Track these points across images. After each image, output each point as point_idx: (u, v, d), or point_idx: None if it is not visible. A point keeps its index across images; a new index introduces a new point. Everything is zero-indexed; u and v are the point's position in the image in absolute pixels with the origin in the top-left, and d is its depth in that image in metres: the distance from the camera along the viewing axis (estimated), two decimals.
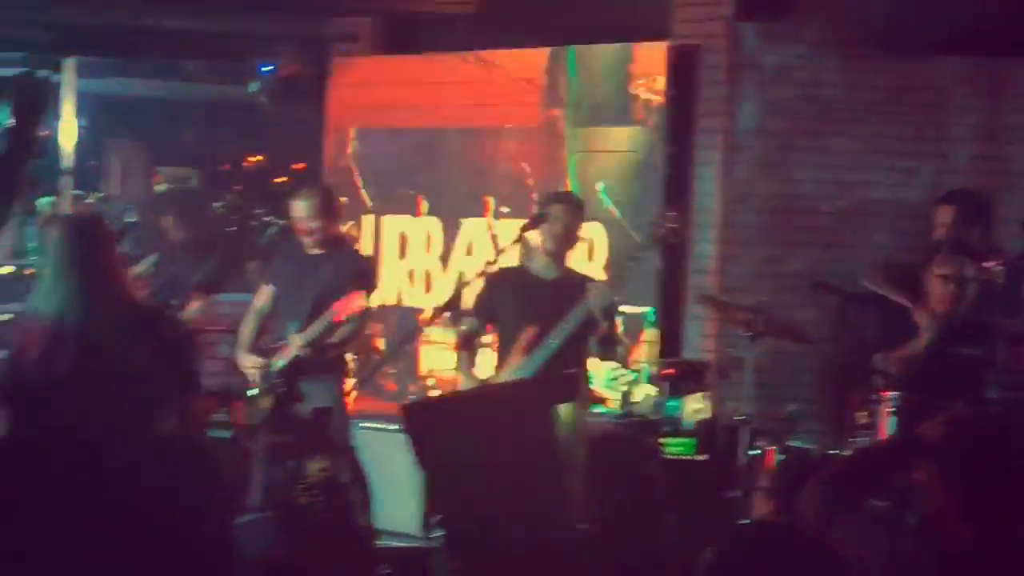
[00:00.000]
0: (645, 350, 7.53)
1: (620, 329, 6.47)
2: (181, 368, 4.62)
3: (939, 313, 6.58)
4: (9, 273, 8.23)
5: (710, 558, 3.76)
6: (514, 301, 6.29)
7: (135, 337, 4.40)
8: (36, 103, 3.63)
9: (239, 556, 4.39)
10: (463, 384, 6.31)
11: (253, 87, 10.17)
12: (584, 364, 6.30)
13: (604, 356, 6.52)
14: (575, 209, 6.40)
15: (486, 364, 6.57)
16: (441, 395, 5.73)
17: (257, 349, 6.95)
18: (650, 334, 7.49)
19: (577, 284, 6.26)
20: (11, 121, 3.61)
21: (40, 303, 4.46)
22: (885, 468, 3.47)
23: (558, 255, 6.32)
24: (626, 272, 6.50)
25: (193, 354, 4.73)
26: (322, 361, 6.71)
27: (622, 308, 6.81)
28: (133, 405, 4.31)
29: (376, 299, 7.28)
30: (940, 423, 3.07)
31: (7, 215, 3.57)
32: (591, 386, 6.60)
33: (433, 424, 4.89)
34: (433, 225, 8.68)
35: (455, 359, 6.13)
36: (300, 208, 6.79)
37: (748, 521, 6.20)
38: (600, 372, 6.86)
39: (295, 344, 6.63)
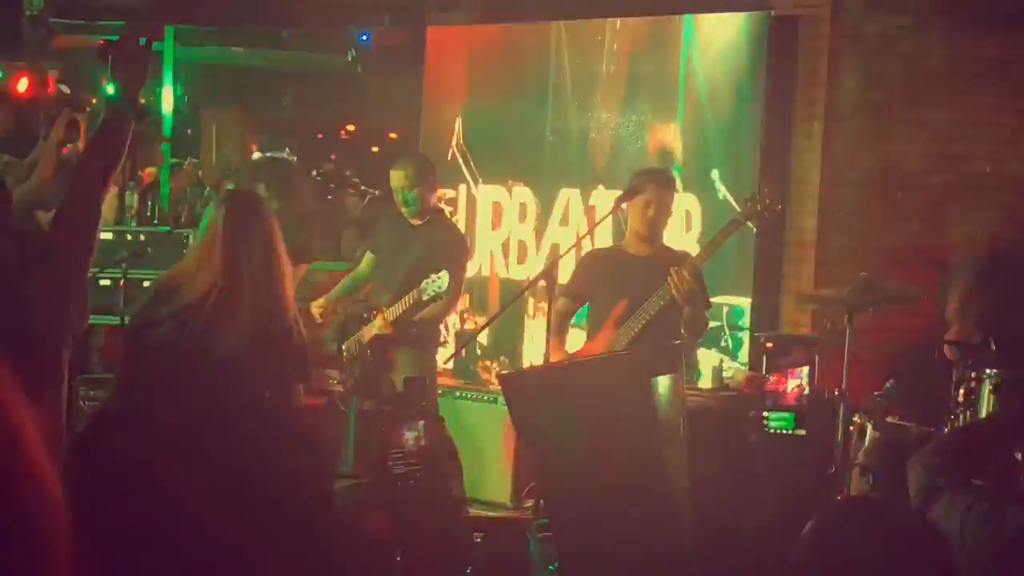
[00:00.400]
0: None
1: (709, 308, 6.34)
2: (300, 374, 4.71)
3: None
4: (110, 240, 8.36)
5: (808, 533, 3.73)
6: (606, 281, 6.27)
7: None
8: (136, 70, 3.66)
9: (338, 522, 4.42)
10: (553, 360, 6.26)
11: (350, 56, 10.23)
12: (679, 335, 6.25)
13: (692, 336, 6.49)
14: (667, 187, 6.33)
15: (575, 341, 6.57)
16: (540, 366, 5.72)
17: (346, 313, 7.03)
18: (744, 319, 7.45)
19: (670, 262, 6.18)
20: (112, 88, 3.65)
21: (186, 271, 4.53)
22: (988, 446, 3.41)
23: (650, 233, 6.27)
24: (719, 248, 6.27)
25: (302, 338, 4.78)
26: (414, 331, 6.76)
27: (719, 300, 6.77)
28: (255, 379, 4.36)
29: (470, 270, 7.29)
30: None
31: (107, 181, 3.61)
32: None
33: (532, 394, 4.90)
34: (528, 195, 8.67)
35: (546, 337, 6.07)
36: (397, 178, 6.82)
37: (845, 498, 6.15)
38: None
39: (385, 318, 6.67)
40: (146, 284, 7.07)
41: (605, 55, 8.31)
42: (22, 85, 11.09)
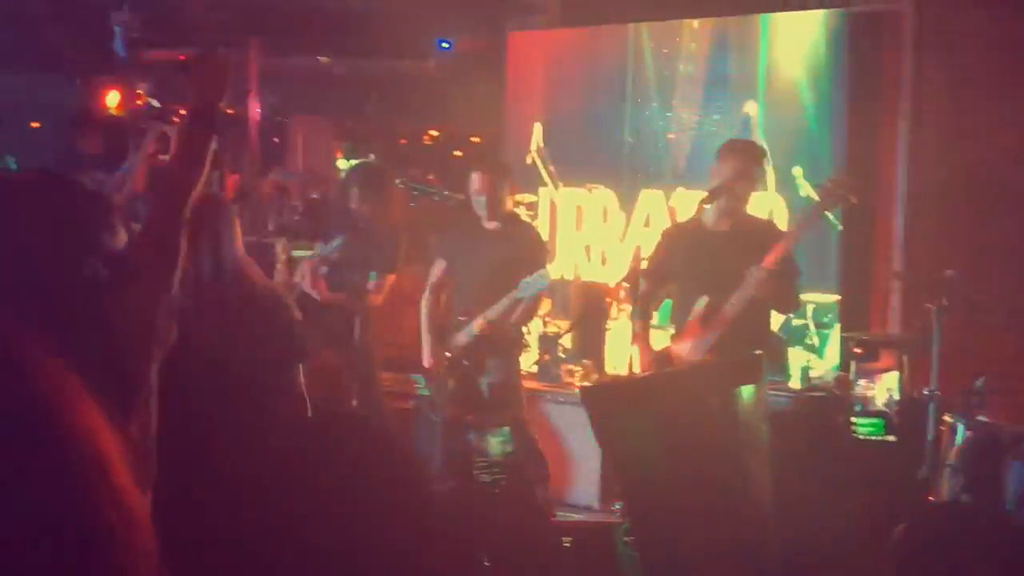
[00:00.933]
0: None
1: (798, 278, 6.07)
2: (295, 352, 4.75)
3: None
4: None
5: (899, 538, 3.69)
6: (689, 258, 6.04)
7: (250, 317, 4.52)
8: (216, 81, 3.71)
9: (431, 527, 4.43)
10: (639, 350, 6.07)
11: (432, 62, 10.31)
12: (765, 337, 6.10)
13: (785, 312, 6.36)
14: (753, 160, 6.04)
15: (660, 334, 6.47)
16: (621, 377, 5.65)
17: (438, 325, 7.05)
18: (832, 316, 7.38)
19: (752, 234, 5.98)
20: (192, 98, 3.70)
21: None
22: None
23: (736, 206, 5.97)
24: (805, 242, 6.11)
25: (291, 333, 4.83)
26: (501, 336, 6.78)
27: (805, 297, 6.65)
28: (239, 379, 4.43)
29: (553, 273, 7.30)
30: None
31: (191, 194, 3.65)
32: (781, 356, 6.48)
33: (614, 407, 4.88)
34: (609, 198, 8.67)
35: (631, 325, 5.94)
36: (476, 181, 6.85)
37: (937, 500, 6.08)
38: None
39: (478, 322, 6.70)
40: None
41: (683, 56, 8.28)
42: (112, 100, 11.32)
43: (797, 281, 6.04)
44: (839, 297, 7.51)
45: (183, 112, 4.00)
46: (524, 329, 7.11)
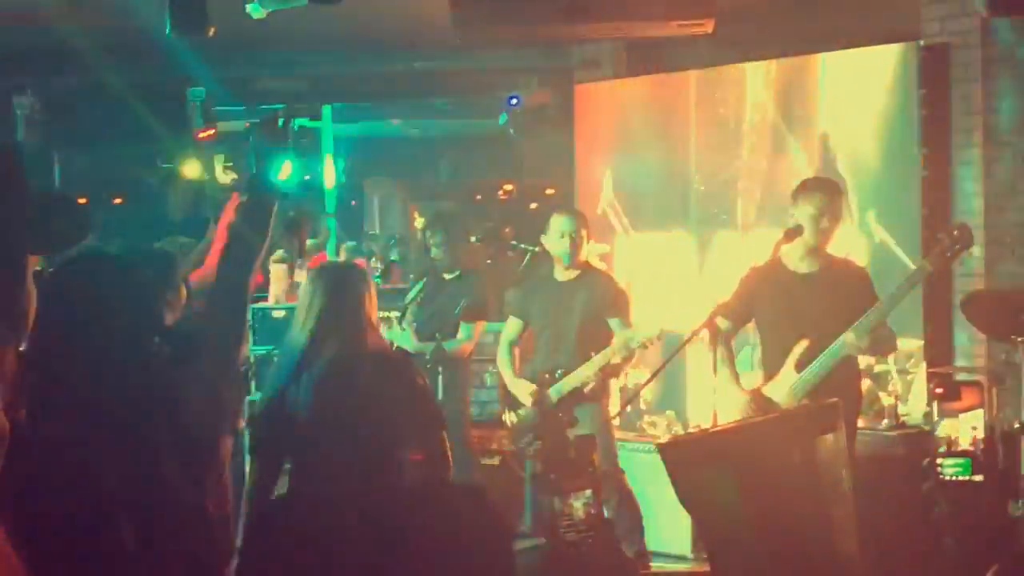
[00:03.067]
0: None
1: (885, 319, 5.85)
2: (426, 410, 4.70)
3: None
4: (280, 316, 8.60)
5: None
6: (776, 300, 5.94)
7: (377, 381, 4.50)
8: (274, 149, 3.77)
9: None
10: (736, 401, 5.96)
11: (502, 119, 10.40)
12: (856, 382, 6.01)
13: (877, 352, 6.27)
14: (837, 194, 5.99)
15: (751, 374, 6.40)
16: (699, 431, 5.58)
17: (531, 378, 7.05)
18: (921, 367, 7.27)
19: (839, 277, 5.91)
20: (252, 168, 3.76)
21: (286, 346, 4.65)
22: None
23: (821, 244, 5.88)
24: (899, 300, 5.82)
25: (431, 397, 4.81)
26: (586, 393, 6.78)
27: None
28: (376, 448, 4.40)
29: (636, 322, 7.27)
30: None
31: (254, 264, 3.67)
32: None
33: (692, 462, 4.86)
34: (684, 242, 8.66)
35: (716, 365, 5.84)
36: (559, 225, 6.90)
37: None
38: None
39: (575, 378, 6.70)
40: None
41: (748, 101, 8.27)
42: (192, 171, 11.55)
43: (888, 329, 5.92)
44: (922, 343, 7.40)
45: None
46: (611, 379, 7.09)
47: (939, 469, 6.42)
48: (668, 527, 7.49)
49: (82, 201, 12.37)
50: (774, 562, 4.55)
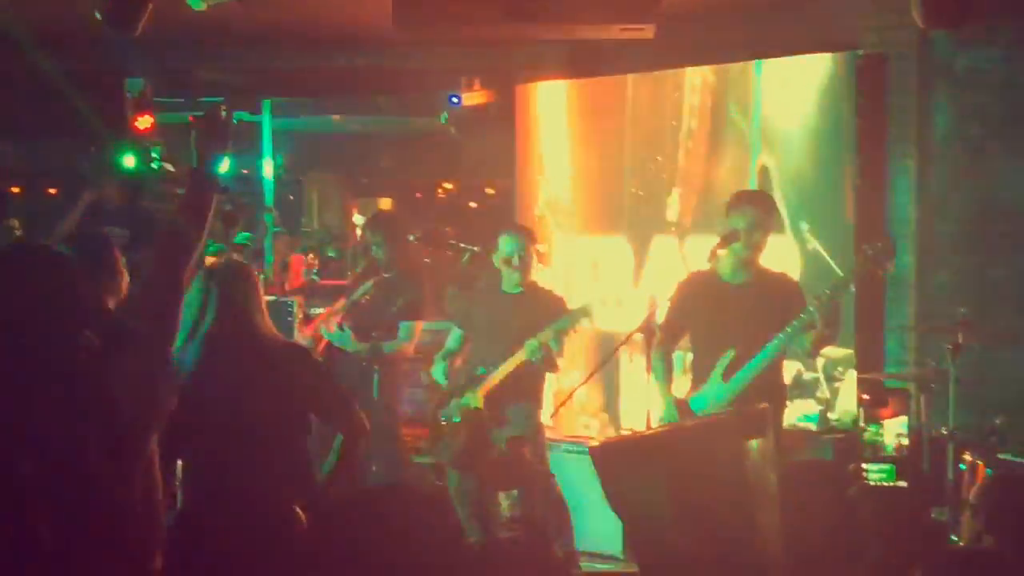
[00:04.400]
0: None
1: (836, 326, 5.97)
2: (330, 393, 4.73)
3: None
4: None
5: None
6: (708, 310, 6.04)
7: (268, 376, 4.53)
8: (216, 142, 3.75)
9: None
10: (659, 400, 6.07)
11: (443, 118, 10.39)
12: (781, 389, 6.09)
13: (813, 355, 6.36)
14: (766, 209, 6.06)
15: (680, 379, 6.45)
16: (630, 435, 5.62)
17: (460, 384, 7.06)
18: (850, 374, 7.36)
19: (774, 285, 6.03)
20: (194, 159, 3.74)
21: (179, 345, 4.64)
22: None
23: (753, 257, 5.99)
24: (834, 310, 5.84)
25: (337, 391, 4.82)
26: (523, 385, 6.78)
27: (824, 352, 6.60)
28: (261, 443, 4.42)
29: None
30: None
31: (195, 251, 3.66)
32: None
33: (623, 465, 4.88)
34: (621, 246, 8.69)
35: (651, 374, 5.92)
36: (508, 245, 6.88)
37: (957, 540, 6.06)
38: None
39: (503, 370, 6.70)
40: None
41: (685, 106, 8.31)
42: (128, 161, 11.43)
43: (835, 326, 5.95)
44: (852, 350, 7.48)
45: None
46: (544, 380, 7.09)
47: (864, 474, 6.51)
48: (600, 527, 7.52)
49: (15, 190, 12.22)
50: (701, 565, 4.59)
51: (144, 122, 10.29)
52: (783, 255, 7.55)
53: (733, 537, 4.63)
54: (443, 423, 6.94)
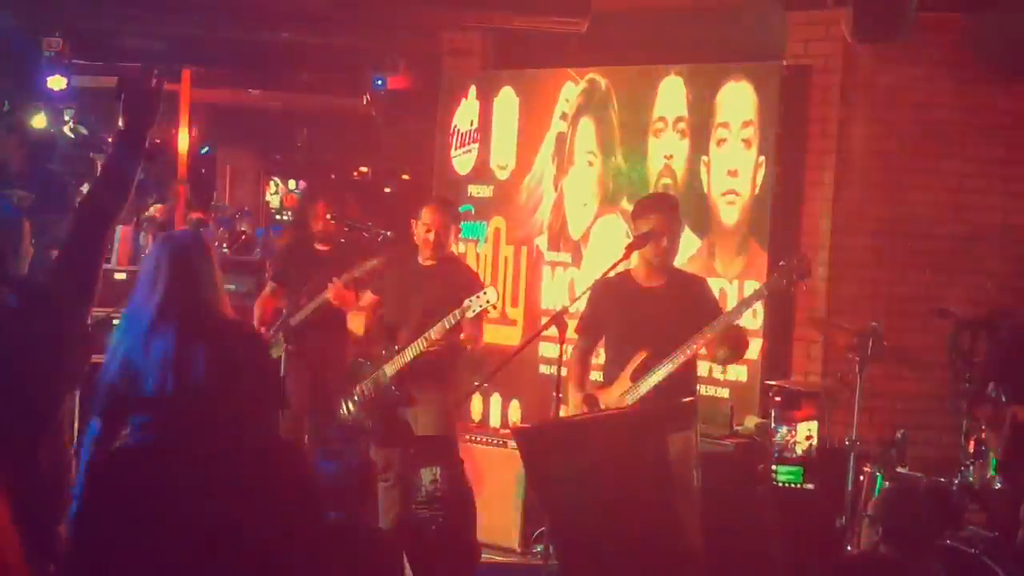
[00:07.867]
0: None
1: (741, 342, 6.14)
2: (267, 385, 4.66)
3: None
4: (122, 279, 8.46)
5: None
6: (622, 312, 6.09)
7: (230, 355, 4.44)
8: (146, 109, 3.68)
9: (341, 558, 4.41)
10: (571, 402, 6.09)
11: (365, 99, 10.33)
12: (695, 387, 6.13)
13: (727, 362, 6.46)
14: (675, 213, 6.16)
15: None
16: (555, 420, 5.65)
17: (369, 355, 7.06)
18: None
19: (684, 289, 6.10)
20: (120, 123, 3.67)
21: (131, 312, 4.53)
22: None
23: (664, 263, 6.07)
24: (737, 318, 6.06)
25: (276, 372, 4.75)
26: (435, 367, 6.77)
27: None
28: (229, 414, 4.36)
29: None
30: None
31: (112, 221, 3.61)
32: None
33: (546, 449, 4.89)
34: (541, 239, 8.68)
35: (566, 376, 5.98)
36: (428, 216, 6.89)
37: (853, 550, 6.14)
38: None
39: (428, 337, 6.68)
40: None
41: (609, 106, 8.30)
42: (39, 122, 11.19)
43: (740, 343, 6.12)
44: (761, 347, 7.54)
45: (111, 140, 3.95)
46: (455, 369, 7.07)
47: (773, 475, 6.59)
48: (499, 520, 7.53)
49: None
50: (620, 553, 4.61)
51: (58, 82, 10.08)
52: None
53: (654, 527, 4.66)
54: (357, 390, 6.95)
